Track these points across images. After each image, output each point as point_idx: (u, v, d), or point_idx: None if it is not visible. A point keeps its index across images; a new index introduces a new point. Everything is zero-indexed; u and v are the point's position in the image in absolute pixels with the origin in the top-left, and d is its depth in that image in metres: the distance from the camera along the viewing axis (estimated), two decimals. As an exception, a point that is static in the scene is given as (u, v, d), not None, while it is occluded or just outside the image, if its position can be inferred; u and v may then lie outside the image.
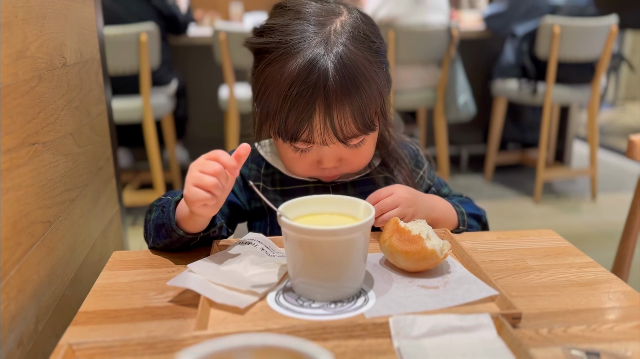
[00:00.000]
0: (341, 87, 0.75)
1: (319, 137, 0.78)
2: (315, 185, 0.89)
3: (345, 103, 0.76)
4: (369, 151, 0.85)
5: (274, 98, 0.77)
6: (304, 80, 0.74)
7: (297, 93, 0.75)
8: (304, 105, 0.75)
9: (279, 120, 0.78)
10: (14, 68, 0.68)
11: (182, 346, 0.56)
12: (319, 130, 0.77)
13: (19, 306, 0.66)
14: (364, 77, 0.77)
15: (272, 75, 0.77)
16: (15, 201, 0.66)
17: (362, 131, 0.79)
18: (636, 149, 1.07)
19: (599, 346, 0.57)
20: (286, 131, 0.78)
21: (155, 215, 0.80)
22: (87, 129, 0.99)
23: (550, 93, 2.85)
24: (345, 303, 0.66)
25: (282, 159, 0.87)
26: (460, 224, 0.89)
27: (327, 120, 0.76)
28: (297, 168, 0.85)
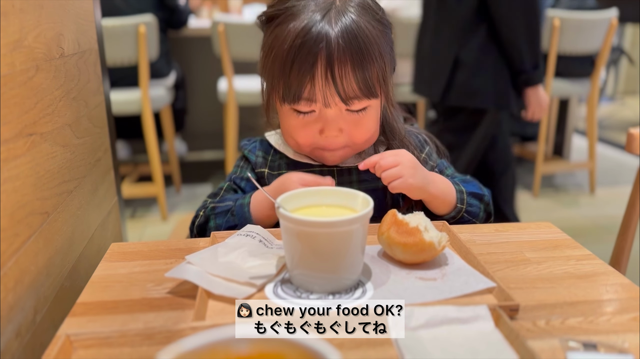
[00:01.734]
0: (343, 41, 0.77)
1: (321, 93, 0.79)
2: (320, 169, 0.90)
3: (348, 59, 0.78)
4: (371, 125, 0.86)
5: (278, 56, 0.80)
6: (308, 32, 0.77)
7: (300, 45, 0.77)
8: (306, 57, 0.77)
9: (283, 80, 0.80)
10: (11, 58, 0.68)
11: (180, 337, 0.56)
12: (321, 85, 0.78)
13: (17, 297, 0.66)
14: (367, 38, 0.79)
15: (278, 35, 0.80)
16: (12, 192, 0.66)
17: (364, 92, 0.80)
18: (636, 142, 1.07)
19: (596, 338, 0.57)
20: (290, 88, 0.80)
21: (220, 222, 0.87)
22: (85, 120, 0.98)
23: (550, 86, 2.84)
24: (343, 294, 0.66)
25: (285, 132, 0.88)
26: (458, 202, 0.87)
27: (329, 73, 0.78)
28: (300, 138, 0.85)
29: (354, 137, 0.85)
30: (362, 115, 0.83)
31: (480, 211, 0.91)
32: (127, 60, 2.57)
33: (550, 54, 2.77)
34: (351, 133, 0.84)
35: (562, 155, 3.56)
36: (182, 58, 3.36)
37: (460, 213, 0.88)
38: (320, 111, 0.82)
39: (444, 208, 0.87)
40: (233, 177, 0.96)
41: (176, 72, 3.04)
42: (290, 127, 0.85)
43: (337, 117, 0.82)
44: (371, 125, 0.86)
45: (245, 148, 0.97)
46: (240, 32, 2.64)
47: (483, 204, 0.92)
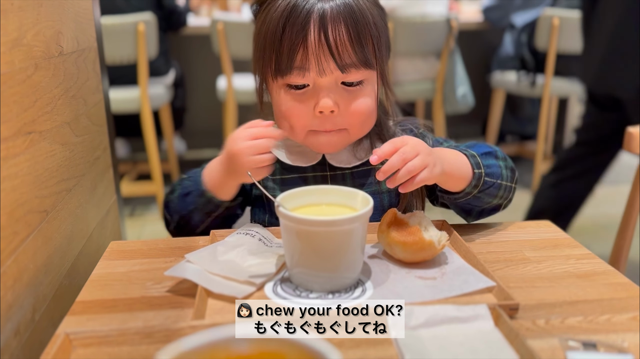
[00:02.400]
0: (337, 7, 0.75)
1: (314, 58, 0.75)
2: (314, 174, 0.88)
3: (341, 22, 0.75)
4: (368, 103, 0.80)
5: (270, 27, 0.77)
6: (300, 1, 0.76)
7: (292, 8, 0.75)
8: (297, 20, 0.75)
9: (275, 48, 0.77)
10: (10, 57, 0.67)
11: (180, 336, 0.56)
12: (314, 49, 0.75)
13: (16, 296, 0.66)
14: (362, 8, 0.77)
15: (270, 10, 0.78)
16: (11, 190, 0.66)
17: (360, 59, 0.77)
18: (635, 141, 1.07)
19: (596, 337, 0.57)
20: (282, 57, 0.76)
21: (180, 190, 0.85)
22: (84, 118, 0.98)
23: (549, 85, 2.84)
24: (343, 293, 0.66)
25: (279, 116, 0.83)
26: (474, 167, 0.78)
27: (322, 35, 0.75)
28: (294, 118, 0.80)
29: (350, 115, 0.79)
30: (358, 89, 0.79)
31: (501, 169, 0.82)
32: (126, 59, 2.57)
33: (550, 52, 2.77)
34: (347, 110, 0.79)
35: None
36: (181, 56, 3.35)
37: (482, 179, 0.79)
38: (314, 84, 0.78)
39: (462, 182, 0.78)
40: None
41: (175, 70, 3.03)
42: (284, 107, 0.80)
43: (332, 90, 0.78)
44: (368, 103, 0.80)
45: None
46: (239, 31, 2.63)
47: (500, 161, 0.83)
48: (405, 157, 0.69)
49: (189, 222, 0.85)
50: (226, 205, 0.83)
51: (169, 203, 0.87)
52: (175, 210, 0.86)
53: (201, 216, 0.84)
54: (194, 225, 0.85)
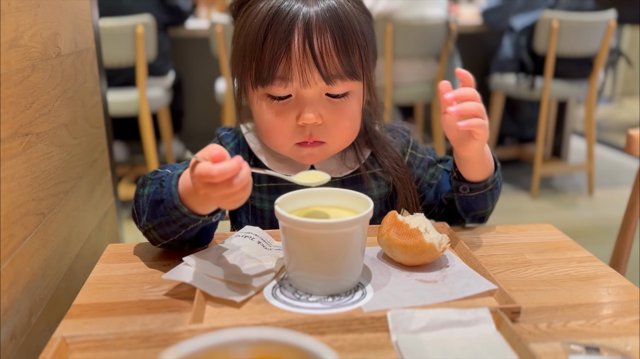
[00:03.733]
0: (323, 13, 0.71)
1: (297, 66, 0.71)
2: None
3: (327, 31, 0.71)
4: (353, 115, 0.78)
5: (250, 33, 0.73)
6: (283, 4, 0.71)
7: (275, 15, 0.70)
8: (281, 28, 0.70)
9: (255, 55, 0.72)
10: (7, 57, 0.67)
11: (178, 340, 0.55)
12: (298, 57, 0.70)
13: (12, 299, 0.66)
14: (349, 16, 0.73)
15: (251, 13, 0.73)
16: (8, 192, 0.65)
17: (347, 70, 0.73)
18: (635, 144, 1.07)
19: (599, 341, 0.57)
20: (263, 66, 0.72)
21: (151, 189, 0.71)
22: (82, 120, 0.97)
23: (548, 88, 2.84)
24: (343, 296, 0.65)
25: (261, 128, 0.79)
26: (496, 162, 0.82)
27: (307, 44, 0.70)
28: (277, 131, 0.76)
29: (333, 127, 0.76)
30: (343, 102, 0.76)
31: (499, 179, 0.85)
32: (124, 61, 2.56)
33: (549, 55, 2.77)
34: (331, 123, 0.76)
35: (560, 157, 3.56)
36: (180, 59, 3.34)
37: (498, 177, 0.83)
38: (297, 94, 0.74)
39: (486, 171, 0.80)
40: None
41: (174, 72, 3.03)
42: (265, 118, 0.76)
43: (316, 101, 0.74)
44: (353, 115, 0.78)
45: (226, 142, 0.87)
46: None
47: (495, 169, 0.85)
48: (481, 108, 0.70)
49: (158, 231, 0.72)
50: (205, 219, 0.69)
51: (138, 198, 0.74)
52: (143, 211, 0.73)
53: (175, 228, 0.69)
54: (164, 235, 0.72)
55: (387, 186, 0.89)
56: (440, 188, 0.89)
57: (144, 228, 0.74)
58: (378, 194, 0.88)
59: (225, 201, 0.60)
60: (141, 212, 0.73)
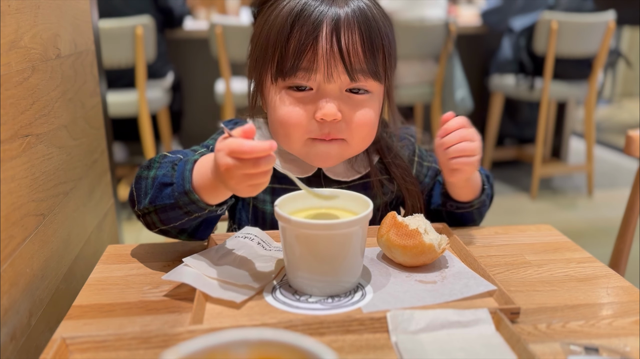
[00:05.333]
0: (352, 12, 0.72)
1: (323, 59, 0.71)
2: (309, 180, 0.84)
3: (355, 28, 0.71)
4: (371, 116, 0.77)
5: (275, 27, 0.72)
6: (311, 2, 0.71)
7: (303, 9, 0.71)
8: (309, 20, 0.70)
9: (279, 48, 0.72)
10: (7, 59, 0.67)
11: (177, 341, 0.55)
12: (324, 50, 0.70)
13: (12, 300, 0.66)
14: (377, 20, 0.74)
15: (274, 10, 0.74)
16: (8, 193, 0.65)
17: (370, 68, 0.73)
18: (635, 144, 1.07)
19: (598, 342, 0.57)
20: (287, 57, 0.71)
21: (159, 172, 0.69)
22: (82, 121, 0.97)
23: (548, 89, 2.85)
24: (343, 297, 0.65)
25: (275, 123, 0.77)
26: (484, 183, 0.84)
27: (334, 37, 0.70)
28: (292, 123, 0.74)
29: (352, 125, 0.75)
30: (363, 100, 0.75)
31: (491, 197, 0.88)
32: (124, 62, 2.56)
33: (548, 56, 2.77)
34: (350, 120, 0.75)
35: (560, 158, 3.56)
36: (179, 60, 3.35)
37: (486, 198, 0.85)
38: (318, 88, 0.73)
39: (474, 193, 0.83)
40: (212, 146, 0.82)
41: (173, 73, 3.03)
42: (281, 110, 0.75)
43: (337, 96, 0.73)
44: (372, 116, 0.77)
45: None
46: (237, 34, 2.63)
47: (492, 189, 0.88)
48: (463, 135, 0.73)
49: (159, 214, 0.70)
50: (212, 209, 0.69)
51: (140, 180, 0.72)
52: (146, 193, 0.70)
53: (178, 214, 0.69)
54: (165, 220, 0.71)
55: (392, 194, 0.89)
56: (431, 199, 0.92)
57: (142, 210, 0.71)
58: (383, 201, 0.87)
59: (244, 183, 0.59)
60: (142, 194, 0.71)
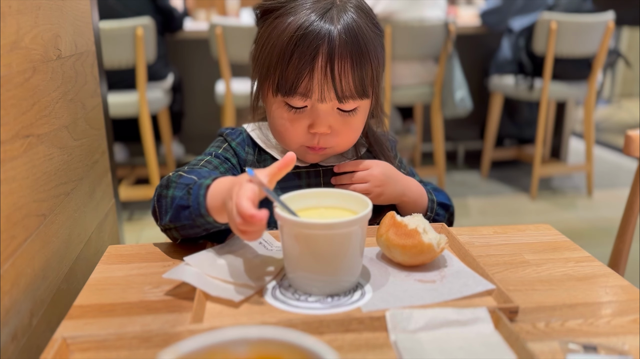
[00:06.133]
0: (346, 40, 0.78)
1: (318, 87, 0.79)
2: (307, 169, 0.90)
3: (348, 57, 0.78)
4: (358, 127, 0.86)
5: (277, 47, 0.79)
6: (311, 25, 0.78)
7: (302, 37, 0.77)
8: (307, 50, 0.78)
9: (280, 68, 0.79)
10: (8, 59, 0.67)
11: (178, 340, 0.55)
12: (319, 79, 0.78)
13: (13, 300, 0.66)
14: (366, 40, 0.80)
15: (277, 26, 0.80)
16: (9, 194, 0.66)
17: (359, 92, 0.81)
18: (634, 144, 1.07)
19: (596, 340, 0.57)
20: (287, 80, 0.79)
21: (177, 194, 0.75)
22: (82, 122, 0.98)
23: (547, 89, 2.85)
24: (342, 296, 0.65)
25: (273, 127, 0.87)
26: (428, 211, 0.92)
27: (329, 70, 0.78)
28: (288, 133, 0.84)
29: (340, 136, 0.85)
30: (351, 115, 0.83)
31: (444, 220, 0.95)
32: (124, 63, 2.56)
33: (548, 56, 2.78)
34: (339, 133, 0.84)
35: (559, 158, 3.56)
36: (180, 61, 3.35)
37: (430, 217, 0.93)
38: (312, 106, 0.82)
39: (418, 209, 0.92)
40: (216, 153, 0.89)
41: (174, 74, 3.03)
42: (280, 121, 0.84)
43: (328, 114, 0.82)
44: (358, 127, 0.87)
45: (232, 139, 0.91)
46: (237, 35, 2.63)
47: (447, 214, 0.96)
48: (352, 179, 0.87)
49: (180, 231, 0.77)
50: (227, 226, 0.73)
51: (161, 198, 0.78)
52: (166, 211, 0.77)
53: (197, 231, 0.75)
54: (186, 234, 0.77)
55: None
56: None
57: (164, 226, 0.78)
58: None
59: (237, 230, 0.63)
60: (164, 212, 0.77)
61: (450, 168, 3.55)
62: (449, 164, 3.60)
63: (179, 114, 3.23)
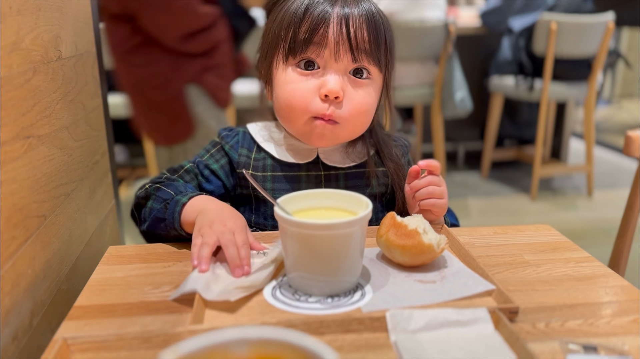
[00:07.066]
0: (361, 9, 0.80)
1: (333, 37, 0.78)
2: (307, 173, 0.88)
3: (363, 19, 0.79)
4: (368, 101, 0.83)
5: (289, 14, 0.80)
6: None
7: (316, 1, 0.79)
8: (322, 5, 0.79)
9: (293, 28, 0.79)
10: (9, 60, 0.67)
11: (178, 340, 0.55)
12: (335, 29, 0.78)
13: (14, 301, 0.66)
14: (380, 15, 0.83)
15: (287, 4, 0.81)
16: (9, 194, 0.66)
17: (374, 51, 0.80)
18: (634, 145, 1.07)
19: (596, 341, 0.57)
20: (301, 35, 0.79)
21: (155, 206, 0.82)
22: (83, 123, 0.98)
23: (547, 89, 2.85)
24: (342, 297, 0.65)
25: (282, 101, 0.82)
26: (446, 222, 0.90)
27: (343, 20, 0.78)
28: (297, 97, 0.80)
29: (351, 106, 0.81)
30: (364, 83, 0.81)
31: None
32: (124, 64, 2.56)
33: (548, 57, 2.78)
34: (349, 100, 0.80)
35: (559, 158, 3.56)
36: (180, 61, 3.34)
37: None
38: (325, 66, 0.80)
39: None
40: (198, 161, 0.91)
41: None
42: (290, 88, 0.81)
43: (341, 77, 0.80)
44: (369, 100, 0.83)
45: (226, 142, 0.91)
46: (238, 36, 2.63)
47: None
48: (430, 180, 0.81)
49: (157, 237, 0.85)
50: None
51: (140, 207, 0.86)
52: (144, 219, 0.85)
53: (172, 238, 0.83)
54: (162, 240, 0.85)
55: (385, 187, 0.91)
56: None
57: (144, 232, 0.87)
58: (377, 192, 0.90)
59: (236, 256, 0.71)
60: (143, 220, 0.85)
61: (450, 169, 3.55)
62: (449, 165, 3.60)
63: (179, 115, 3.23)
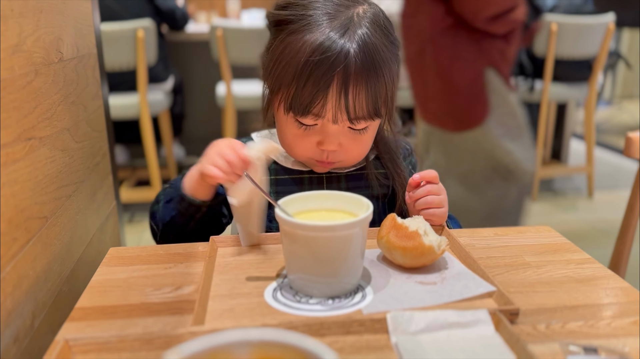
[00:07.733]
0: (362, 64, 0.76)
1: (331, 110, 0.78)
2: (309, 175, 0.89)
3: (363, 82, 0.77)
4: (368, 142, 0.86)
5: (292, 66, 0.78)
6: (327, 49, 0.75)
7: (318, 62, 0.75)
8: (323, 75, 0.76)
9: (294, 89, 0.78)
10: (10, 62, 0.67)
11: (179, 342, 0.55)
12: (333, 103, 0.77)
13: (15, 302, 0.66)
14: (382, 61, 0.79)
15: (292, 44, 0.78)
16: (11, 196, 0.66)
17: (371, 115, 0.80)
18: (635, 146, 1.07)
19: (597, 342, 0.57)
20: (300, 101, 0.78)
21: (164, 198, 0.86)
22: (84, 125, 0.98)
23: (548, 90, 2.85)
24: (343, 298, 0.66)
25: (282, 138, 0.86)
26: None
27: (343, 95, 0.77)
28: (298, 148, 0.84)
29: (350, 153, 0.85)
30: (362, 133, 0.83)
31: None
32: (125, 65, 2.57)
33: (548, 58, 2.78)
34: (348, 149, 0.84)
35: (560, 159, 3.56)
36: (181, 62, 3.36)
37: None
38: (323, 125, 0.81)
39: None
40: None
41: (174, 76, 3.04)
42: (290, 136, 0.84)
43: (339, 133, 0.81)
44: (368, 143, 0.86)
45: None
46: (238, 37, 2.64)
47: None
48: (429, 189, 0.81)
49: (173, 228, 0.85)
50: (207, 204, 0.83)
51: (154, 213, 0.88)
52: (160, 218, 0.86)
53: (184, 219, 0.84)
54: (179, 230, 0.85)
55: (387, 189, 0.91)
56: None
57: (162, 235, 0.87)
58: (378, 193, 0.91)
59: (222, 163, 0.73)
60: (159, 221, 0.86)
61: (450, 170, 3.54)
62: (450, 166, 3.59)
63: (180, 116, 3.24)
